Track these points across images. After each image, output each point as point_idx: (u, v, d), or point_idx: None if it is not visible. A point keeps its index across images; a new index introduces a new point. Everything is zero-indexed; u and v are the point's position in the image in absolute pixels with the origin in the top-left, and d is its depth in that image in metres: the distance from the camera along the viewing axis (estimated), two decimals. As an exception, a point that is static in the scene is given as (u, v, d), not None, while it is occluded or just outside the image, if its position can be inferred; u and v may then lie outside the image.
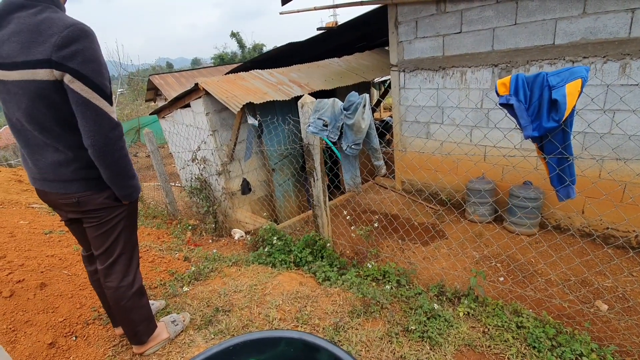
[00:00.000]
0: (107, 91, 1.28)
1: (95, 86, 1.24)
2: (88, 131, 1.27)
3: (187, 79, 10.27)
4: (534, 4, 2.97)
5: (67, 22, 1.21)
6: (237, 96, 3.66)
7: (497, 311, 2.15)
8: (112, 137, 1.31)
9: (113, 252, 1.54)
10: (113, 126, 1.31)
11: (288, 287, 2.47)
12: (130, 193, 1.47)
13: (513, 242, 3.29)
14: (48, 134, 1.32)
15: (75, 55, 1.20)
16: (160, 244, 3.64)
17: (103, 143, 1.30)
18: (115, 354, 1.81)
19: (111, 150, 1.32)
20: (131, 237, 1.61)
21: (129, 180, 1.43)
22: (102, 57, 1.29)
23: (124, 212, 1.52)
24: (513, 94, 1.78)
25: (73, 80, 1.21)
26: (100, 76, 1.26)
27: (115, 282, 1.56)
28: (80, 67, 1.21)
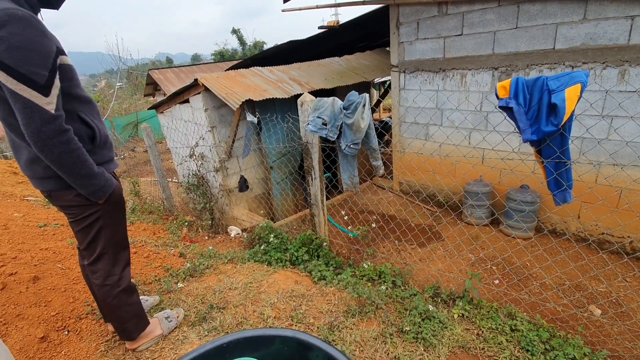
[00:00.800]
0: (38, 80, 1.15)
1: (21, 76, 1.13)
2: (22, 125, 1.17)
3: (187, 75, 10.23)
4: (535, 9, 2.98)
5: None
6: (237, 93, 3.64)
7: (491, 314, 2.16)
8: (46, 132, 1.18)
9: (94, 250, 1.52)
10: (47, 119, 1.17)
11: (283, 285, 2.46)
12: (92, 192, 1.36)
13: (509, 245, 3.30)
14: (16, 131, 1.27)
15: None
16: (155, 239, 3.62)
17: (36, 138, 1.18)
18: (107, 349, 1.79)
19: (49, 145, 1.20)
20: (113, 237, 1.54)
21: (83, 178, 1.32)
22: (36, 41, 1.15)
23: (99, 211, 1.45)
24: (513, 97, 1.78)
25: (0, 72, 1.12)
26: (28, 64, 1.13)
27: (100, 280, 1.54)
28: (3, 55, 1.10)
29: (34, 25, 1.15)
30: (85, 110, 1.39)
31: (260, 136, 4.34)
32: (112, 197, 1.47)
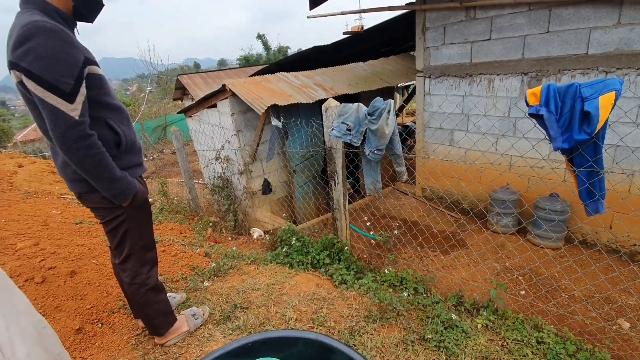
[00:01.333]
0: (63, 88, 1.21)
1: (47, 84, 1.19)
2: (49, 130, 1.25)
3: (214, 80, 10.52)
4: (567, 13, 2.89)
5: (25, 21, 1.19)
6: (263, 98, 3.73)
7: (517, 325, 2.10)
8: (70, 136, 1.25)
9: (122, 251, 1.58)
10: (70, 125, 1.24)
11: (305, 288, 2.50)
12: (114, 195, 1.41)
13: (537, 255, 3.19)
14: (48, 136, 1.34)
15: (27, 53, 1.17)
16: (182, 238, 3.75)
17: (61, 142, 1.25)
18: (137, 343, 1.88)
19: (72, 149, 1.27)
20: (139, 239, 1.60)
21: (106, 182, 1.37)
22: (61, 51, 1.22)
23: (124, 214, 1.51)
24: (543, 104, 1.74)
25: (27, 80, 1.19)
26: (54, 73, 1.20)
27: (129, 279, 1.62)
28: (31, 65, 1.18)
29: (61, 37, 1.22)
30: (113, 117, 1.45)
31: (284, 140, 4.42)
32: (135, 200, 1.52)
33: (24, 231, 2.97)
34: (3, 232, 2.84)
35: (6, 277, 0.89)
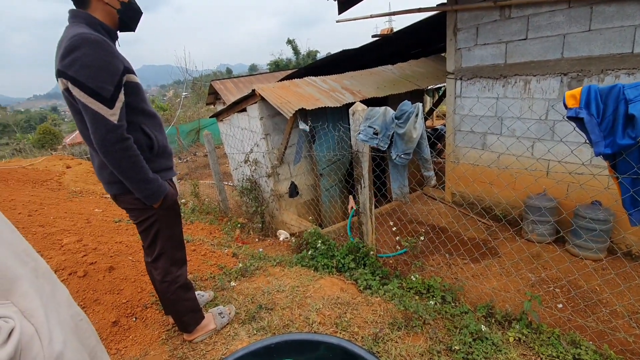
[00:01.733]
0: (104, 95, 1.30)
1: (90, 91, 1.28)
2: (91, 133, 1.34)
3: (245, 85, 10.82)
4: (610, 10, 2.71)
5: (73, 33, 1.29)
6: (291, 102, 3.79)
7: (552, 340, 1.98)
8: (109, 140, 1.34)
9: (154, 250, 1.66)
10: (110, 129, 1.33)
11: (329, 291, 2.49)
12: (146, 196, 1.49)
13: (576, 266, 3.00)
14: (88, 140, 1.43)
15: (73, 63, 1.27)
16: (212, 239, 3.87)
17: (101, 144, 1.34)
18: (168, 338, 1.96)
19: (111, 151, 1.35)
20: (170, 239, 1.67)
21: (139, 183, 1.45)
22: (104, 61, 1.31)
23: (155, 215, 1.58)
24: (584, 106, 1.65)
25: (73, 87, 1.29)
26: (96, 81, 1.29)
27: (160, 277, 1.70)
28: (77, 73, 1.27)
29: (104, 47, 1.32)
30: (147, 123, 1.54)
31: (311, 144, 4.45)
32: (166, 202, 1.59)
33: (69, 228, 3.19)
34: (51, 228, 3.06)
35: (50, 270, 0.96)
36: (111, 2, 1.42)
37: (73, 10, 1.39)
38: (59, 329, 0.83)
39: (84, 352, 0.96)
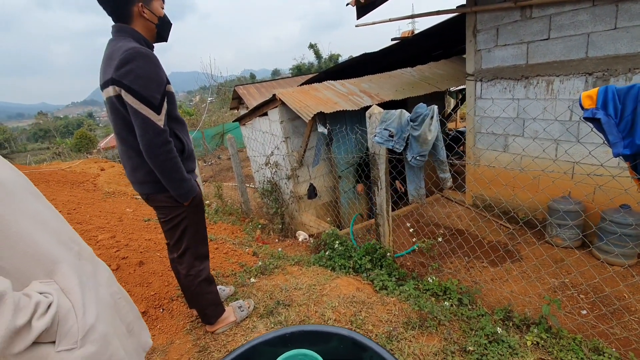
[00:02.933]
0: (154, 102, 1.45)
1: (142, 98, 1.42)
2: (138, 136, 1.47)
3: (267, 89, 11.06)
4: (637, 7, 2.62)
5: (127, 47, 1.43)
6: (310, 106, 3.89)
7: (573, 346, 1.94)
8: (156, 142, 1.47)
9: (180, 246, 1.78)
10: (157, 132, 1.46)
11: (345, 290, 2.55)
12: (181, 194, 1.61)
13: (600, 272, 2.90)
14: (124, 142, 1.57)
15: (128, 73, 1.40)
16: (233, 238, 4.01)
17: (148, 146, 1.47)
18: (192, 328, 2.09)
19: (156, 153, 1.48)
20: (196, 235, 1.79)
21: (177, 182, 1.58)
22: (154, 72, 1.46)
23: (185, 212, 1.71)
24: (601, 107, 1.63)
25: (126, 94, 1.42)
26: (148, 90, 1.43)
27: (185, 271, 1.81)
28: (131, 82, 1.41)
29: (153, 61, 1.47)
30: (179, 128, 1.68)
31: (330, 146, 4.53)
32: (195, 200, 1.73)
33: (104, 225, 3.42)
34: (88, 226, 3.30)
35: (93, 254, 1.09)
36: (150, 18, 1.56)
37: (118, 25, 1.53)
38: (94, 305, 0.94)
39: (122, 326, 1.08)
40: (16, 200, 0.86)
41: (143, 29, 1.57)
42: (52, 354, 0.81)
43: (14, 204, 0.85)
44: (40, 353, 0.80)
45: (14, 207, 0.85)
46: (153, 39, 1.65)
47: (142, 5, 1.51)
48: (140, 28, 1.56)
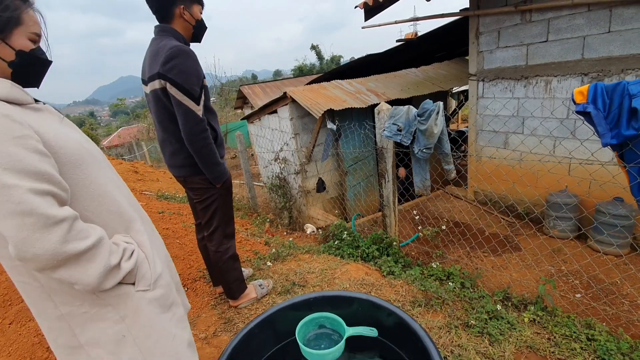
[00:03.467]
0: (194, 94, 1.62)
1: (185, 90, 1.59)
2: (180, 124, 1.65)
3: (271, 89, 11.26)
4: (629, 12, 2.81)
5: (171, 45, 1.60)
6: (319, 103, 4.07)
7: (566, 322, 2.11)
8: (196, 129, 1.65)
9: (212, 224, 1.96)
10: (197, 121, 1.64)
11: (355, 274, 2.72)
12: (215, 177, 1.80)
13: (596, 262, 3.08)
14: (166, 130, 1.76)
15: (173, 68, 1.57)
16: (244, 230, 4.19)
17: (189, 133, 1.64)
18: (216, 304, 2.26)
19: (196, 139, 1.66)
20: (225, 214, 1.98)
21: (212, 165, 1.76)
22: (194, 68, 1.62)
23: (217, 193, 1.90)
24: (591, 102, 1.81)
25: (172, 87, 1.59)
26: (190, 83, 1.60)
27: (215, 247, 1.99)
28: (176, 77, 1.58)
29: (193, 57, 1.66)
30: (211, 118, 1.86)
31: (338, 142, 4.71)
32: (226, 183, 1.92)
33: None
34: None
35: (151, 221, 1.27)
36: (189, 20, 1.75)
37: (162, 25, 1.72)
38: (159, 259, 1.13)
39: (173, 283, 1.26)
40: (101, 166, 1.04)
41: (182, 29, 1.75)
42: (133, 292, 1.00)
43: (101, 170, 1.03)
44: (123, 291, 0.98)
45: (101, 172, 1.03)
46: (189, 39, 1.83)
47: (183, 7, 1.70)
48: (180, 28, 1.74)
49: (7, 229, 0.75)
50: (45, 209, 0.77)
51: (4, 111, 0.79)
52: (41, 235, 0.77)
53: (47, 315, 0.96)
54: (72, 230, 0.82)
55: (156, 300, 1.05)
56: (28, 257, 0.77)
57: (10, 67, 0.88)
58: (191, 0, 1.73)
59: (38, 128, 0.85)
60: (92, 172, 0.99)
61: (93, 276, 0.86)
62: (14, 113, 0.81)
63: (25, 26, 0.90)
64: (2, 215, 0.75)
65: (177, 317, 1.14)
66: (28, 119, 0.84)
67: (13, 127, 0.78)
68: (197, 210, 1.98)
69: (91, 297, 0.95)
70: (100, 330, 0.97)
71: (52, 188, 0.81)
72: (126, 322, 0.99)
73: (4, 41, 0.85)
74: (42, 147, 0.83)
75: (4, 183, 0.74)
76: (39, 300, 0.95)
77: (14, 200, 0.75)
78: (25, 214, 0.75)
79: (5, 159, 0.75)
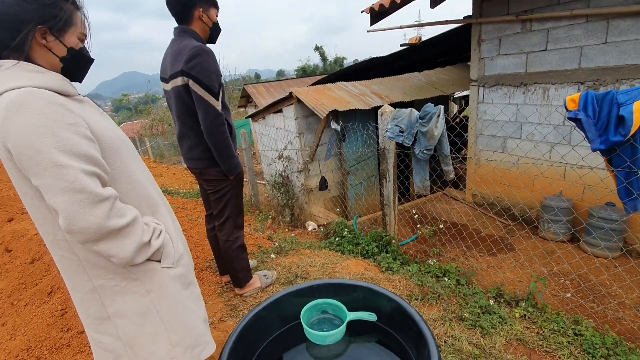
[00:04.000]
0: (214, 90, 1.73)
1: (206, 87, 1.71)
2: (201, 118, 1.76)
3: (275, 89, 11.38)
4: (626, 24, 2.93)
5: (193, 45, 1.72)
6: (324, 104, 4.19)
7: (555, 318, 2.22)
8: (215, 123, 1.76)
9: (223, 214, 2.07)
10: (217, 115, 1.76)
11: (355, 269, 2.84)
12: (230, 169, 1.91)
13: (587, 263, 3.19)
14: (185, 125, 1.88)
15: (195, 66, 1.68)
16: (248, 225, 4.30)
17: (209, 126, 1.75)
18: (222, 292, 2.37)
19: (215, 132, 1.77)
20: (236, 205, 2.10)
21: (229, 158, 1.87)
22: (214, 66, 1.74)
23: (230, 185, 2.02)
24: (582, 109, 1.93)
25: (194, 84, 1.71)
26: (210, 80, 1.71)
27: (225, 236, 2.11)
28: (198, 74, 1.69)
29: (212, 56, 1.78)
30: (227, 114, 1.97)
31: (342, 142, 4.83)
32: (239, 175, 2.04)
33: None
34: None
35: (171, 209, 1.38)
36: (207, 22, 1.86)
37: (182, 27, 1.84)
38: (180, 242, 1.24)
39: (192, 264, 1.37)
40: (133, 156, 1.15)
41: (200, 31, 1.87)
42: (159, 268, 1.11)
43: (133, 159, 1.14)
44: (150, 267, 1.09)
45: (133, 161, 1.14)
46: (206, 40, 1.95)
47: (202, 10, 1.81)
48: (198, 30, 1.86)
49: (60, 203, 0.86)
50: (94, 188, 0.89)
51: (60, 101, 0.90)
52: (89, 211, 0.88)
53: (81, 288, 1.07)
54: (113, 208, 0.93)
55: (178, 278, 1.16)
56: (76, 229, 0.88)
57: (61, 62, 0.99)
58: (209, 3, 1.85)
59: (84, 117, 0.96)
60: (126, 160, 1.10)
61: (128, 250, 0.97)
62: (66, 102, 0.92)
63: (76, 27, 1.02)
64: (57, 191, 0.86)
65: (195, 295, 1.25)
66: (77, 109, 0.95)
67: (67, 115, 0.90)
68: (210, 201, 2.09)
69: (122, 271, 1.06)
70: (128, 303, 1.07)
71: (98, 170, 0.92)
72: (151, 296, 1.09)
73: (58, 39, 0.97)
74: (89, 134, 0.94)
75: (60, 163, 0.85)
76: (75, 274, 1.05)
77: (68, 179, 0.86)
78: (77, 191, 0.86)
79: (62, 142, 0.86)
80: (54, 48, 0.96)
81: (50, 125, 0.86)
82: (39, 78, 0.91)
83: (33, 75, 0.91)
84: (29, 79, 0.89)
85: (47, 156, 0.84)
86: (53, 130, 0.86)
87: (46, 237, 1.03)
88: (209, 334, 1.28)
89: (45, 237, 1.03)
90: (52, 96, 0.89)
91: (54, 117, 0.87)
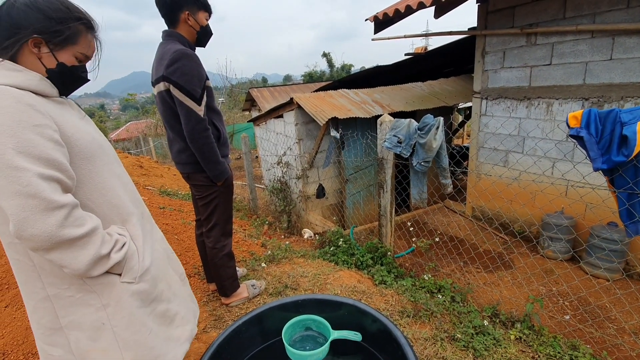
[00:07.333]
0: (196, 95, 1.69)
1: (186, 92, 1.67)
2: (183, 123, 1.73)
3: (280, 93, 11.39)
4: (631, 41, 2.87)
5: (175, 49, 1.68)
6: (325, 111, 4.14)
7: (552, 342, 2.13)
8: (197, 129, 1.72)
9: (211, 221, 2.02)
10: (198, 120, 1.72)
11: (347, 281, 2.76)
12: (215, 175, 1.86)
13: (587, 284, 3.10)
14: (172, 129, 1.85)
15: (176, 71, 1.66)
16: (243, 230, 4.25)
17: (191, 132, 1.72)
18: (208, 301, 2.31)
19: (197, 137, 1.73)
20: (224, 213, 2.04)
21: (213, 164, 1.82)
22: (196, 70, 1.69)
23: (217, 191, 1.97)
24: (584, 127, 1.87)
25: (174, 89, 1.68)
26: (191, 84, 1.67)
27: (212, 244, 2.05)
28: (178, 79, 1.66)
29: (195, 60, 1.74)
30: (216, 118, 1.94)
31: (340, 150, 4.78)
32: (226, 182, 1.98)
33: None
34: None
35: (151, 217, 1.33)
36: (194, 25, 1.84)
37: (168, 30, 1.82)
38: (150, 253, 1.17)
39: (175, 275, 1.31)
40: (109, 162, 1.11)
41: (187, 34, 1.85)
42: (118, 283, 1.05)
43: (108, 164, 1.10)
44: (109, 280, 1.03)
45: (108, 166, 1.10)
46: (194, 42, 1.92)
47: (188, 13, 1.79)
48: (185, 32, 1.84)
49: (10, 208, 0.82)
50: (48, 194, 0.84)
51: (29, 101, 0.87)
52: (40, 217, 0.83)
53: (34, 295, 1.02)
54: (69, 217, 0.88)
55: (138, 294, 1.09)
56: (25, 236, 0.83)
57: (47, 73, 0.97)
58: (197, 6, 1.82)
59: (58, 119, 0.93)
60: (100, 166, 1.06)
61: (83, 262, 0.92)
62: (37, 103, 0.89)
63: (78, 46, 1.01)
64: (9, 194, 0.81)
65: (156, 313, 1.17)
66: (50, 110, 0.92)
67: (35, 115, 0.86)
68: (199, 206, 2.04)
69: (78, 282, 1.00)
70: (82, 316, 1.02)
71: (59, 175, 0.88)
72: (107, 310, 1.03)
73: (53, 52, 0.96)
74: (57, 137, 0.90)
75: (16, 165, 0.81)
76: (30, 280, 1.00)
77: (22, 182, 0.81)
78: (29, 195, 0.82)
79: (22, 143, 0.82)
80: (44, 59, 0.96)
81: (12, 125, 0.82)
82: (16, 76, 0.89)
83: (11, 73, 0.89)
84: (5, 77, 0.88)
85: (3, 156, 0.81)
86: (15, 130, 0.82)
87: (4, 239, 0.98)
88: (171, 354, 1.20)
89: (2, 237, 0.98)
90: (22, 95, 0.87)
91: (19, 117, 0.84)
